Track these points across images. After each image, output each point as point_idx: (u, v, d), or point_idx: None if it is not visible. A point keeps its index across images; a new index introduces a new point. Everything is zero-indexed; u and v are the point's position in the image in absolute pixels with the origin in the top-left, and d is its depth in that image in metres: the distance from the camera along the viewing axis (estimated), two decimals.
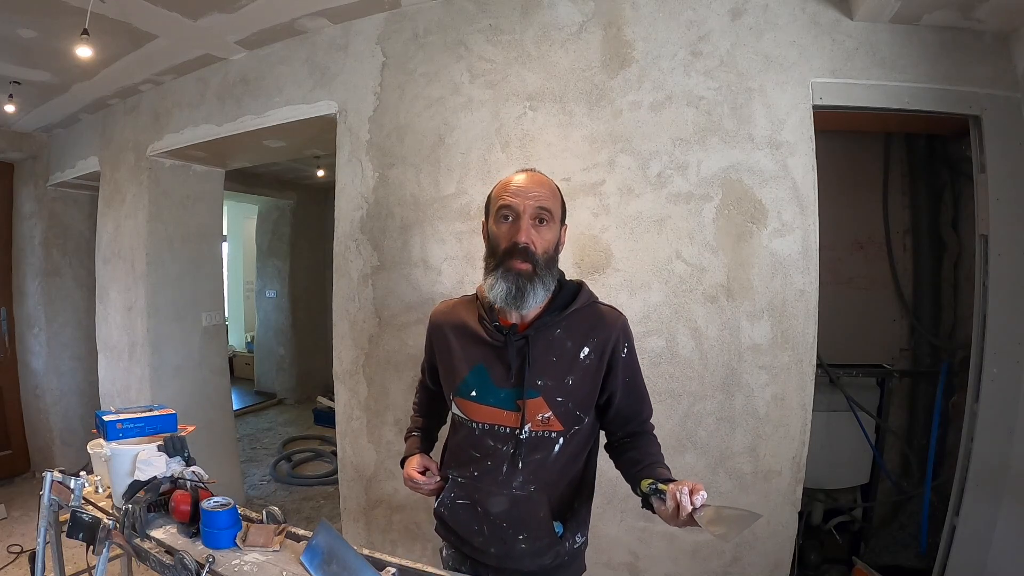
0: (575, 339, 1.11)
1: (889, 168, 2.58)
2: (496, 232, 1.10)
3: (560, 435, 1.12)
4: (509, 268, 1.05)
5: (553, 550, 1.15)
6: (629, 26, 1.76)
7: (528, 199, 1.06)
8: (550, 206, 1.08)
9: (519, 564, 1.16)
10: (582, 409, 1.12)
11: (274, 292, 5.99)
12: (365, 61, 2.11)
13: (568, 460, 1.15)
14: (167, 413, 1.56)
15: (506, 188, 1.10)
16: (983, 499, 1.73)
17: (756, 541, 1.72)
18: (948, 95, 1.67)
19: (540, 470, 1.12)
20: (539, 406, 1.09)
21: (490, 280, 1.07)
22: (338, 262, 2.16)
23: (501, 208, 1.09)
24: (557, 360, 1.10)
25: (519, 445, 1.11)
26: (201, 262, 3.19)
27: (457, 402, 1.17)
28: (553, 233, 1.10)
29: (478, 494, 1.15)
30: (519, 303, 1.05)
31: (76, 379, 3.78)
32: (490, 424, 1.13)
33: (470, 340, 1.16)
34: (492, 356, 1.12)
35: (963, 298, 2.46)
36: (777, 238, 1.66)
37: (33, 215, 3.66)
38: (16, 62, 2.45)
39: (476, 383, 1.13)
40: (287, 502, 3.50)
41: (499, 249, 1.08)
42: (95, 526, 1.29)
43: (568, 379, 1.10)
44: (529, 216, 1.06)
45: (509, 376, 1.10)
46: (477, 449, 1.15)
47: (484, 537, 1.16)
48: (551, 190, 1.11)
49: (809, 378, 1.68)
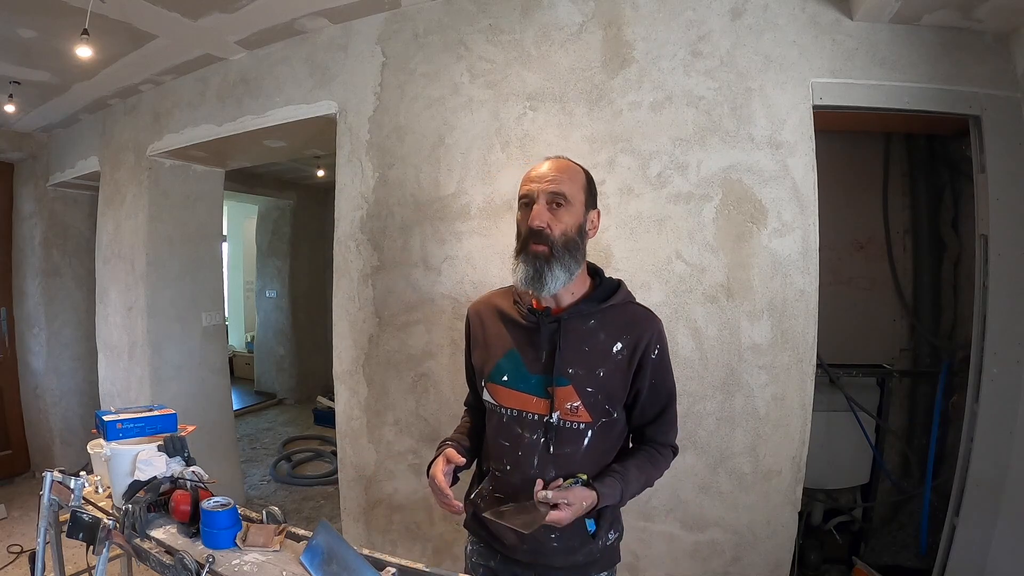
0: (609, 333, 1.13)
1: (889, 168, 2.58)
2: (519, 220, 1.15)
3: (588, 427, 1.12)
4: (528, 251, 1.09)
5: (586, 548, 1.16)
6: (629, 26, 1.76)
7: (543, 184, 1.10)
8: (565, 190, 1.10)
9: (551, 561, 1.16)
10: (611, 403, 1.13)
11: (274, 292, 5.99)
12: (365, 61, 2.11)
13: (599, 456, 1.15)
14: (167, 413, 1.56)
15: (527, 177, 1.15)
16: (983, 499, 1.73)
17: (756, 541, 1.72)
18: (948, 95, 1.67)
19: (571, 464, 1.12)
20: (568, 395, 1.11)
21: (515, 264, 1.12)
22: (338, 262, 2.16)
23: (521, 197, 1.14)
24: (589, 350, 1.12)
25: (548, 432, 1.12)
26: (201, 262, 3.20)
27: (489, 388, 1.18)
28: (572, 216, 1.11)
29: (512, 489, 1.15)
30: (538, 284, 1.09)
31: (76, 379, 3.78)
32: (519, 411, 1.14)
33: (505, 323, 1.20)
34: (525, 340, 1.15)
35: (963, 298, 2.46)
36: (777, 238, 1.66)
37: (33, 215, 3.66)
38: (16, 62, 2.45)
39: (509, 368, 1.16)
40: (287, 502, 3.50)
41: (521, 234, 1.13)
42: (95, 526, 1.29)
43: (599, 371, 1.11)
44: (544, 201, 1.09)
45: (540, 360, 1.13)
46: (507, 438, 1.16)
47: (516, 534, 1.15)
48: (571, 175, 1.13)
49: (809, 378, 1.68)
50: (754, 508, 1.71)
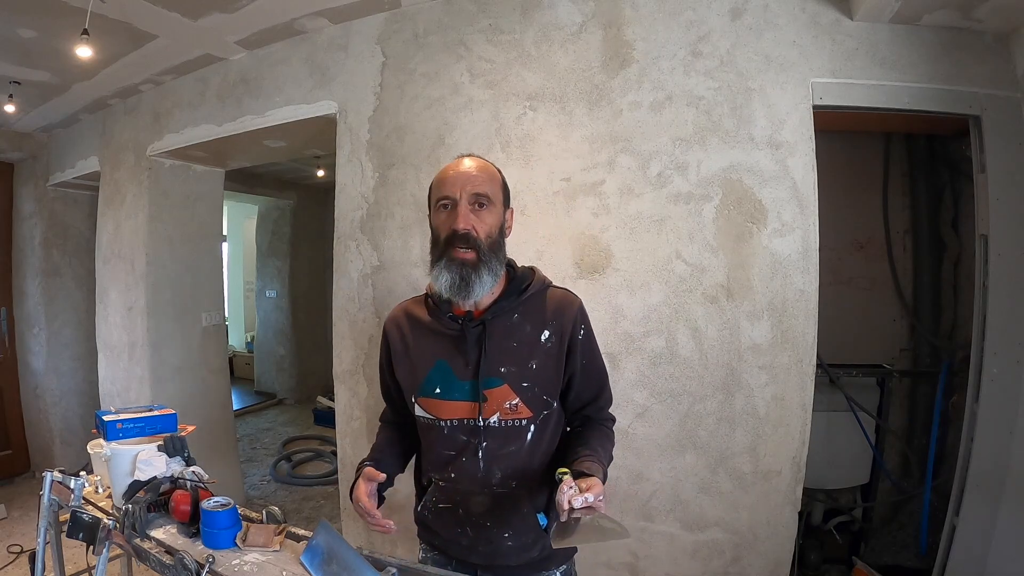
0: (534, 323, 1.11)
1: (889, 168, 2.58)
2: (436, 222, 1.10)
3: (530, 422, 1.11)
4: (452, 257, 1.04)
5: (540, 543, 1.15)
6: (629, 26, 1.76)
7: (465, 186, 1.06)
8: (487, 190, 1.07)
9: (506, 560, 1.15)
10: (548, 393, 1.11)
11: (274, 292, 5.99)
12: (365, 61, 2.11)
13: (542, 448, 1.14)
14: (167, 413, 1.56)
15: (443, 178, 1.10)
16: (983, 499, 1.73)
17: (756, 541, 1.72)
18: (948, 95, 1.67)
19: (516, 462, 1.11)
20: (505, 394, 1.08)
21: (435, 271, 1.07)
22: (338, 262, 2.16)
23: (439, 199, 1.09)
24: (518, 345, 1.10)
25: (490, 435, 1.10)
26: (201, 262, 3.19)
27: (421, 403, 1.14)
28: (494, 216, 1.09)
29: (459, 496, 1.14)
30: (465, 292, 1.04)
31: (76, 379, 3.78)
32: (458, 419, 1.11)
33: (427, 335, 1.14)
34: (451, 348, 1.11)
35: (963, 298, 2.46)
36: (777, 238, 1.66)
37: (33, 215, 3.66)
38: (16, 62, 2.45)
39: (439, 379, 1.12)
40: (287, 502, 3.50)
41: (440, 238, 1.08)
42: (95, 526, 1.29)
43: (531, 363, 1.09)
44: (467, 202, 1.05)
45: (469, 366, 1.09)
46: (450, 447, 1.13)
47: (469, 539, 1.15)
48: (489, 174, 1.11)
49: (809, 378, 1.68)
50: (754, 508, 1.71)
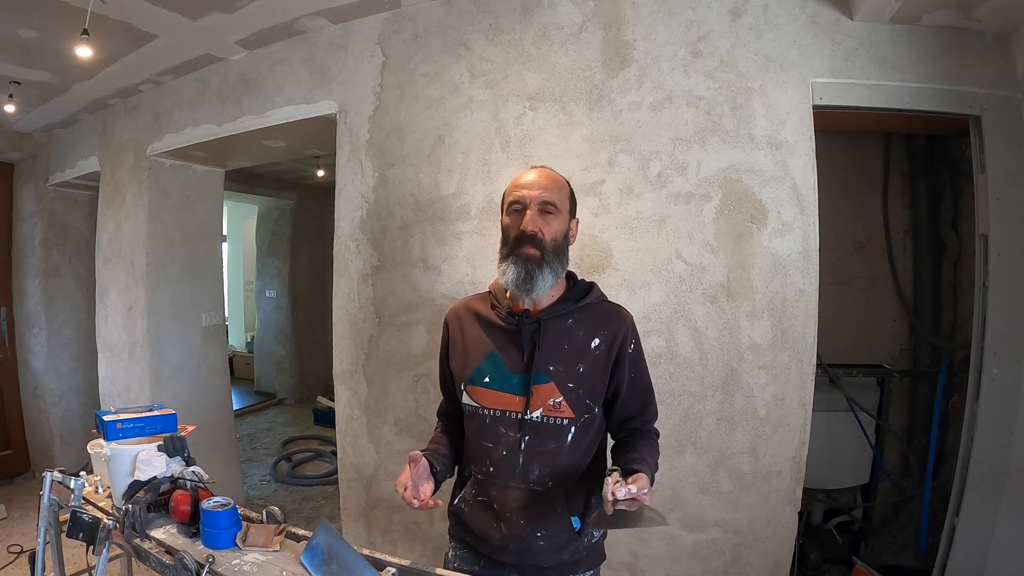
0: (586, 330, 1.17)
1: (889, 168, 2.58)
2: (508, 224, 1.19)
3: (571, 423, 1.14)
4: (519, 254, 1.13)
5: (572, 546, 1.17)
6: (629, 26, 1.76)
7: (535, 192, 1.15)
8: (555, 199, 1.16)
9: (537, 560, 1.17)
10: (592, 398, 1.16)
11: (274, 292, 5.98)
12: (365, 61, 2.11)
13: (581, 452, 1.17)
14: (167, 413, 1.56)
15: (516, 184, 1.20)
16: (983, 499, 1.73)
17: (756, 541, 1.72)
18: (948, 95, 1.67)
19: (555, 461, 1.14)
20: (550, 391, 1.13)
21: (503, 266, 1.16)
22: (338, 262, 2.16)
23: (512, 203, 1.18)
24: (569, 348, 1.16)
25: (531, 429, 1.13)
26: (201, 262, 3.19)
27: (469, 390, 1.20)
28: (560, 223, 1.17)
29: (495, 490, 1.17)
30: (529, 286, 1.12)
31: (76, 379, 3.78)
32: (501, 410, 1.16)
33: (485, 327, 1.22)
34: (506, 341, 1.18)
35: (963, 298, 2.46)
36: (777, 238, 1.66)
37: (33, 215, 3.66)
38: (16, 62, 2.45)
39: (490, 370, 1.18)
40: (287, 502, 3.50)
41: (510, 238, 1.17)
42: (95, 526, 1.29)
43: (579, 366, 1.14)
44: (536, 207, 1.15)
45: (522, 360, 1.15)
46: (489, 439, 1.17)
47: (502, 535, 1.17)
48: (558, 185, 1.20)
49: (809, 378, 1.68)
50: (754, 508, 1.71)
